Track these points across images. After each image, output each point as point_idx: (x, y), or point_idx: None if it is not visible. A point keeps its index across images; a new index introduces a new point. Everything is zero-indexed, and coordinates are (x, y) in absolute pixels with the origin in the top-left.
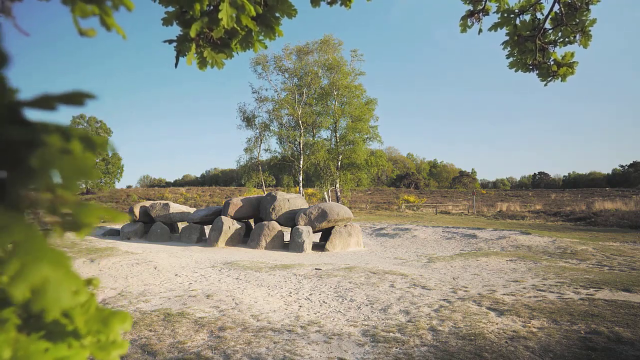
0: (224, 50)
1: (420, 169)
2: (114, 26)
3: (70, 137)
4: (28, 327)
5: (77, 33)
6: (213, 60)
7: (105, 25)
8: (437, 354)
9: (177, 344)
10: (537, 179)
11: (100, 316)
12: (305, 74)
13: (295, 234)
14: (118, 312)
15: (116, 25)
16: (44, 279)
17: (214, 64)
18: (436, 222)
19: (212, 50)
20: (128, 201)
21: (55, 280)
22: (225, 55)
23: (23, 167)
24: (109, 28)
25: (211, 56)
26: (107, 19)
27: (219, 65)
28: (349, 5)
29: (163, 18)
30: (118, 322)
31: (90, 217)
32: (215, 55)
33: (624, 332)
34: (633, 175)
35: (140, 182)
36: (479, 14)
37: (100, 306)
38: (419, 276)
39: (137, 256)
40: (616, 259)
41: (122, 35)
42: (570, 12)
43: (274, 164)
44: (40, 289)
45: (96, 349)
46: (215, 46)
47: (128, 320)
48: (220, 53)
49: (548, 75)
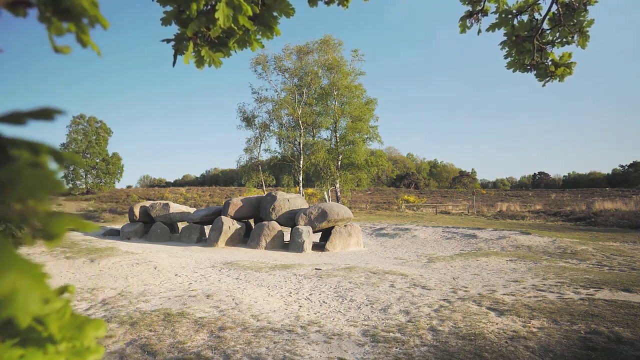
0: (222, 49)
1: (420, 169)
2: (89, 43)
3: (39, 151)
4: (2, 334)
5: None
6: (210, 59)
7: (81, 42)
8: (437, 354)
9: (177, 344)
10: (537, 179)
11: (75, 323)
12: (305, 74)
13: (295, 234)
14: (92, 319)
15: (92, 43)
16: (12, 287)
17: (211, 63)
18: (436, 222)
19: (210, 49)
20: (128, 201)
21: (24, 288)
22: (223, 54)
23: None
24: (84, 45)
25: (208, 55)
26: (83, 36)
27: (217, 64)
28: (347, 5)
29: (162, 18)
30: (92, 329)
31: (59, 228)
32: (213, 54)
33: (624, 332)
34: (633, 175)
35: (140, 182)
36: (478, 15)
37: (76, 313)
38: (419, 276)
39: (137, 256)
40: (616, 259)
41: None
42: (568, 12)
43: (274, 164)
44: (8, 297)
45: (71, 354)
46: (213, 45)
47: (102, 327)
48: (217, 52)
49: (546, 76)
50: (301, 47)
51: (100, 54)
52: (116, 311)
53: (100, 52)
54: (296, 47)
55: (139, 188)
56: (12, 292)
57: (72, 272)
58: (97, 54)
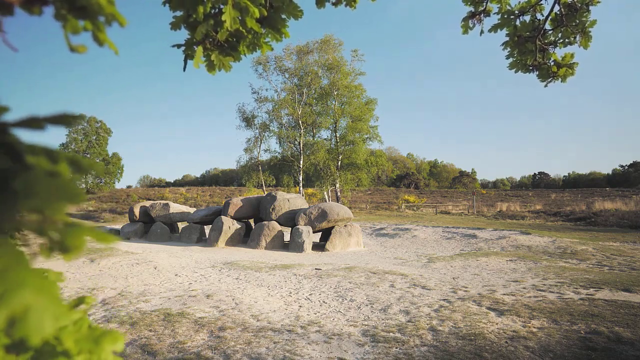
0: (232, 53)
1: (420, 169)
2: (106, 42)
3: (58, 159)
4: (17, 347)
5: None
6: (220, 63)
7: (98, 41)
8: (437, 354)
9: (177, 344)
10: (537, 179)
11: (92, 336)
12: (305, 74)
13: (295, 234)
14: (110, 332)
15: (109, 41)
16: (26, 305)
17: (221, 67)
18: (436, 222)
19: (220, 54)
20: (128, 201)
21: (38, 307)
22: (233, 58)
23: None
24: (101, 44)
25: (218, 59)
26: (99, 34)
27: (227, 68)
28: (354, 5)
29: (171, 22)
30: (109, 342)
31: (77, 240)
32: (223, 58)
33: (624, 332)
34: (633, 175)
35: (140, 182)
36: (480, 15)
37: (94, 325)
38: (419, 276)
39: (137, 256)
40: (616, 259)
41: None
42: (571, 13)
43: (274, 164)
44: (22, 316)
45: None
46: (223, 49)
47: (120, 340)
48: (227, 56)
49: (548, 76)
50: (301, 47)
51: (117, 52)
52: (116, 311)
53: (117, 51)
54: (297, 47)
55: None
56: (25, 312)
57: (72, 272)
58: (115, 52)
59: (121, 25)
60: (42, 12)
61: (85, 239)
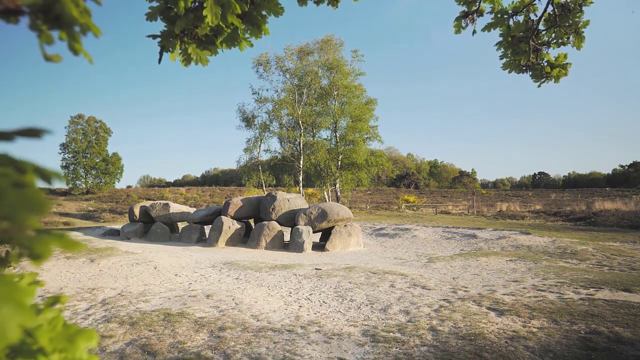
0: (209, 47)
1: (420, 169)
2: (81, 51)
3: (25, 170)
4: None
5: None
6: (197, 57)
7: (73, 51)
8: (437, 354)
9: (177, 344)
10: (537, 179)
11: (66, 334)
12: (305, 74)
13: (295, 234)
14: (84, 330)
15: (83, 51)
16: None
17: (198, 61)
18: (436, 222)
19: (197, 47)
20: (128, 201)
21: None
22: (210, 52)
23: None
24: (76, 53)
25: (195, 53)
26: (75, 44)
27: (203, 62)
28: (336, 5)
29: (147, 13)
30: (84, 340)
31: (44, 249)
32: (200, 52)
33: (624, 332)
34: (633, 175)
35: (140, 182)
36: (473, 15)
37: (68, 323)
38: (419, 276)
39: (137, 256)
40: (616, 259)
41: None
42: (564, 13)
43: (274, 164)
44: None
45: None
46: (200, 43)
47: (94, 338)
48: (204, 50)
49: (541, 77)
50: (302, 47)
51: (92, 61)
52: (116, 311)
53: (92, 60)
54: (297, 48)
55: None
56: None
57: (72, 272)
58: (89, 62)
59: (95, 36)
60: (19, 21)
61: (51, 246)
